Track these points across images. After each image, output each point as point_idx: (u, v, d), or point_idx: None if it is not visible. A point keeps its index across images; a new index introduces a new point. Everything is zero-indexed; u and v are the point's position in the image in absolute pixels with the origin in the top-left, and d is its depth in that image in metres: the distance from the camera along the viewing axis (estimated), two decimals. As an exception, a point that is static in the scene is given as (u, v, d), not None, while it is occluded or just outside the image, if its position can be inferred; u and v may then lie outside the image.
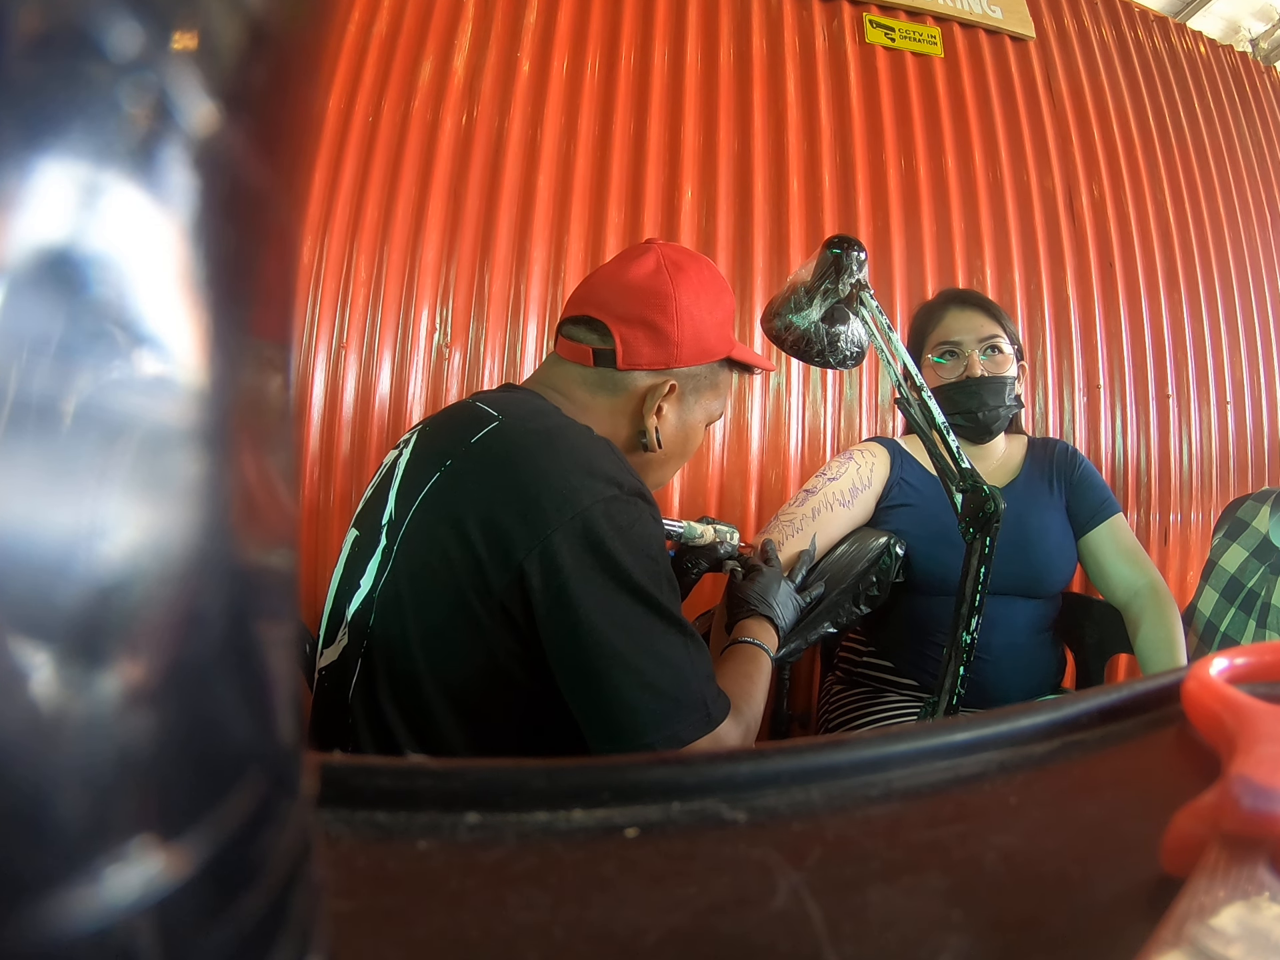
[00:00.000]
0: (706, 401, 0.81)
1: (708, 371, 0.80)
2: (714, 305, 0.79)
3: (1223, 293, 2.24)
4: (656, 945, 0.16)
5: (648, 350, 0.75)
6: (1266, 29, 2.86)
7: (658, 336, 0.75)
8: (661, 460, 0.81)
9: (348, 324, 1.60)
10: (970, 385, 1.12)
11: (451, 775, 0.21)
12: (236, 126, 0.09)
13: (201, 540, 0.09)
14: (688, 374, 0.78)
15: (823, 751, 0.23)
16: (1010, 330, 1.17)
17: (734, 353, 0.81)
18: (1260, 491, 1.31)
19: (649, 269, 0.76)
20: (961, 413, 1.13)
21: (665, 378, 0.77)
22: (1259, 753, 0.20)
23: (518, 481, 0.63)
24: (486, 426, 0.68)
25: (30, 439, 0.07)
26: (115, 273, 0.08)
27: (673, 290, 0.75)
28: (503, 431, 0.67)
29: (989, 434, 1.17)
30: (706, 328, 0.77)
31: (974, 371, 1.12)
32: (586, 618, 0.59)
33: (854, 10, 2.05)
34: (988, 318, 1.16)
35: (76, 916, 0.08)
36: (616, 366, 0.75)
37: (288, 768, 0.10)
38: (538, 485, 0.62)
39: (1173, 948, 0.15)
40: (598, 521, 0.61)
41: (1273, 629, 1.15)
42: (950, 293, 1.24)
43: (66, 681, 0.07)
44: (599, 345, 0.76)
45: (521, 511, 0.62)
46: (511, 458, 0.65)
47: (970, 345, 1.14)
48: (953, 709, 0.72)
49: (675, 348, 0.76)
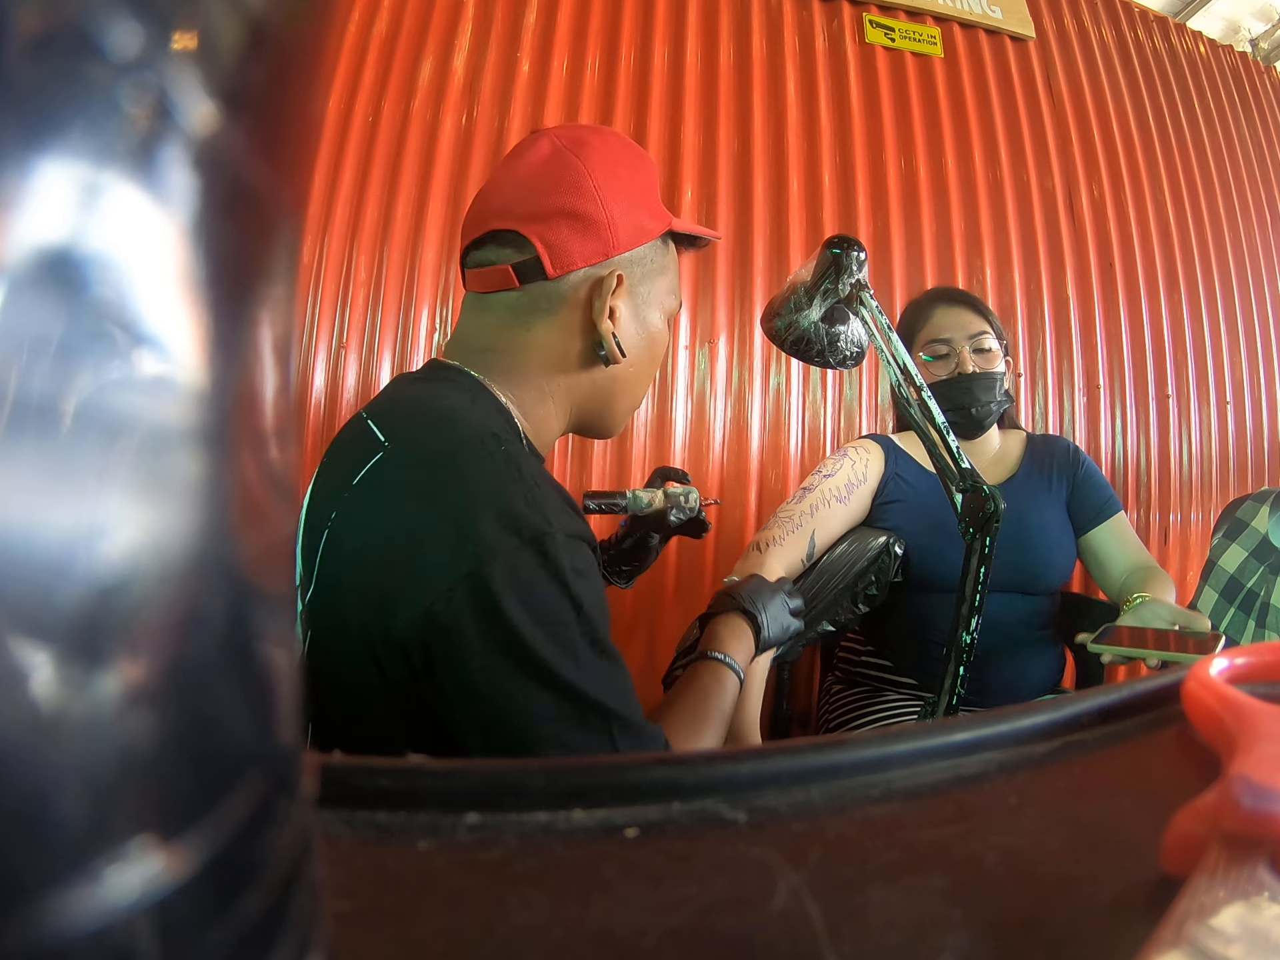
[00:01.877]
0: (660, 291, 0.69)
1: (652, 253, 0.67)
2: (635, 173, 0.66)
3: (1223, 293, 2.24)
4: (656, 945, 0.16)
5: (577, 244, 0.63)
6: (1266, 29, 2.86)
7: (583, 225, 0.62)
8: (630, 376, 0.69)
9: (348, 324, 1.60)
10: (963, 381, 1.13)
11: (451, 775, 0.21)
12: (236, 126, 0.09)
13: (201, 540, 0.09)
14: (631, 260, 0.65)
15: (823, 751, 0.23)
16: (996, 326, 1.18)
17: (674, 225, 0.69)
18: (1260, 492, 1.31)
19: (545, 153, 0.64)
20: (955, 409, 1.13)
21: (608, 269, 0.64)
22: (1259, 753, 0.20)
23: (400, 539, 0.52)
24: (371, 459, 0.57)
25: (30, 439, 0.07)
26: (115, 273, 0.08)
27: (583, 166, 0.63)
28: (387, 467, 0.56)
29: (980, 429, 1.18)
30: (635, 200, 0.65)
31: (965, 368, 1.13)
32: (487, 710, 0.50)
33: (854, 10, 2.05)
34: (975, 314, 1.17)
35: (76, 916, 0.08)
36: (547, 276, 0.62)
37: (288, 768, 0.10)
38: (422, 543, 0.51)
39: (1173, 948, 0.15)
40: (494, 586, 0.49)
41: (1272, 629, 1.15)
42: (937, 291, 1.25)
43: (66, 681, 0.07)
44: (518, 259, 0.63)
45: (404, 578, 0.51)
46: (394, 506, 0.54)
47: (960, 342, 1.14)
48: (953, 709, 0.72)
49: (607, 230, 0.63)
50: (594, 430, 0.74)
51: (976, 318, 1.16)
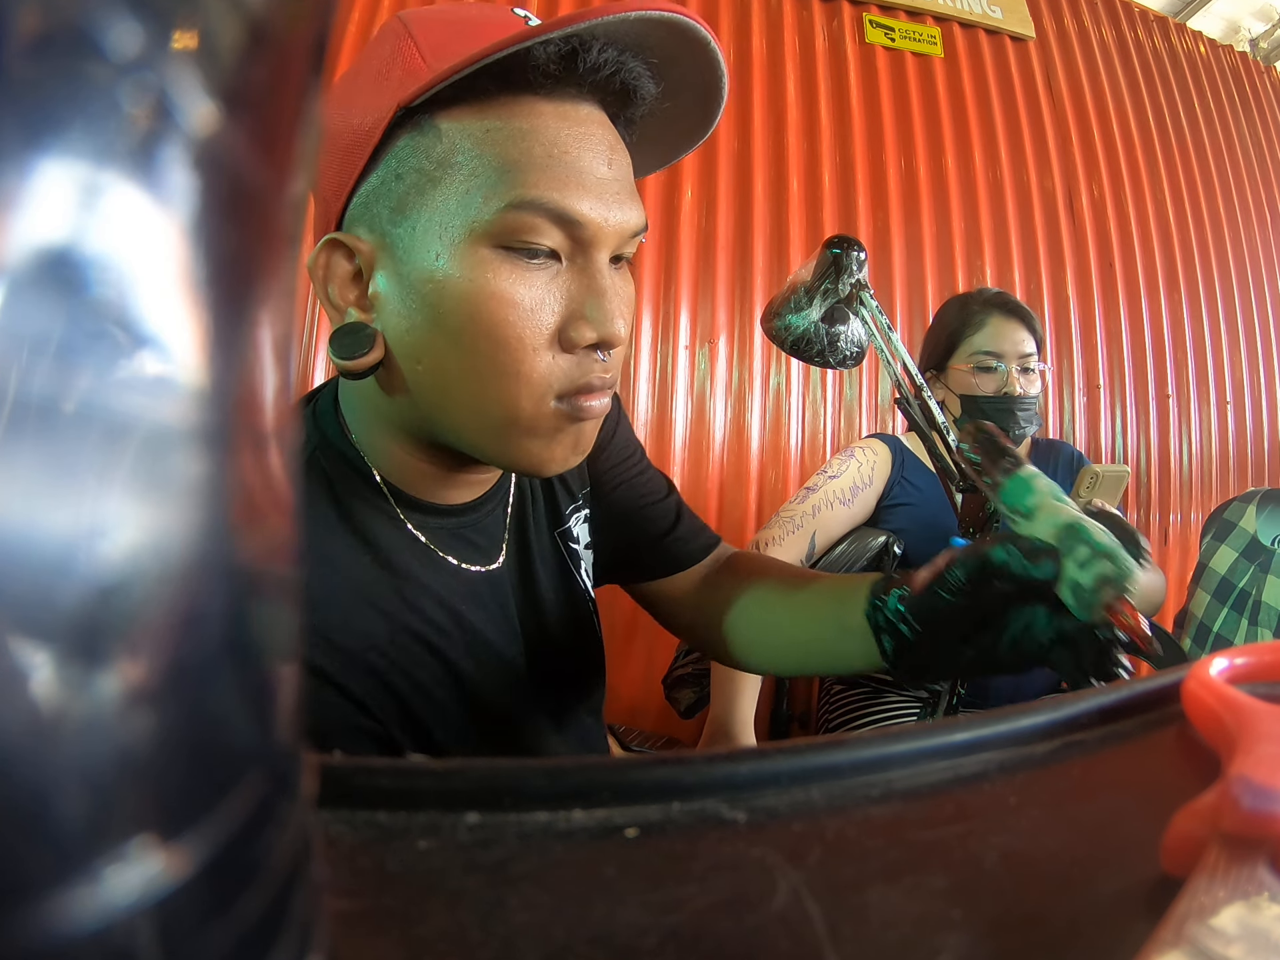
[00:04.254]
0: (448, 204, 0.39)
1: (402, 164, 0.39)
2: (354, 82, 0.42)
3: (1223, 293, 2.24)
4: (656, 945, 0.16)
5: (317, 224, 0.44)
6: (1266, 29, 2.86)
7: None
8: (442, 380, 0.41)
9: (348, 324, 1.60)
10: (1006, 403, 1.11)
11: (451, 775, 0.21)
12: (236, 126, 0.09)
13: (202, 540, 0.09)
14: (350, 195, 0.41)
15: (823, 751, 0.23)
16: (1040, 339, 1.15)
17: (421, 85, 0.38)
18: (1245, 493, 1.32)
19: None
20: None
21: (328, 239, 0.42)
22: (1259, 753, 0.20)
23: None
24: None
25: (30, 439, 0.07)
26: (115, 273, 0.08)
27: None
28: None
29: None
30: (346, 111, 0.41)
31: (1013, 389, 1.11)
32: None
33: (854, 10, 2.05)
34: (1029, 333, 1.14)
35: (76, 916, 0.08)
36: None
37: (288, 768, 0.10)
38: None
39: (1173, 948, 0.15)
40: None
41: (1265, 626, 1.15)
42: (995, 296, 1.18)
43: (66, 681, 0.07)
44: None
45: None
46: None
47: (1011, 359, 1.12)
48: (953, 709, 0.72)
49: (315, 190, 0.43)
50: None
51: (1029, 337, 1.14)
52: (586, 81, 0.40)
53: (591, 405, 0.43)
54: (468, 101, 0.39)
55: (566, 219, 0.39)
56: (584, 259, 0.41)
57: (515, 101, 0.39)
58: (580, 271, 0.41)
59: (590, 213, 0.40)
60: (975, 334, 1.15)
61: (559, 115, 0.40)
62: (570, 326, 0.41)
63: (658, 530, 0.63)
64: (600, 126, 0.41)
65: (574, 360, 0.42)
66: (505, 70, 0.38)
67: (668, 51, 0.41)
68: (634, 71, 0.41)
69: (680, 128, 0.48)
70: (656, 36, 0.40)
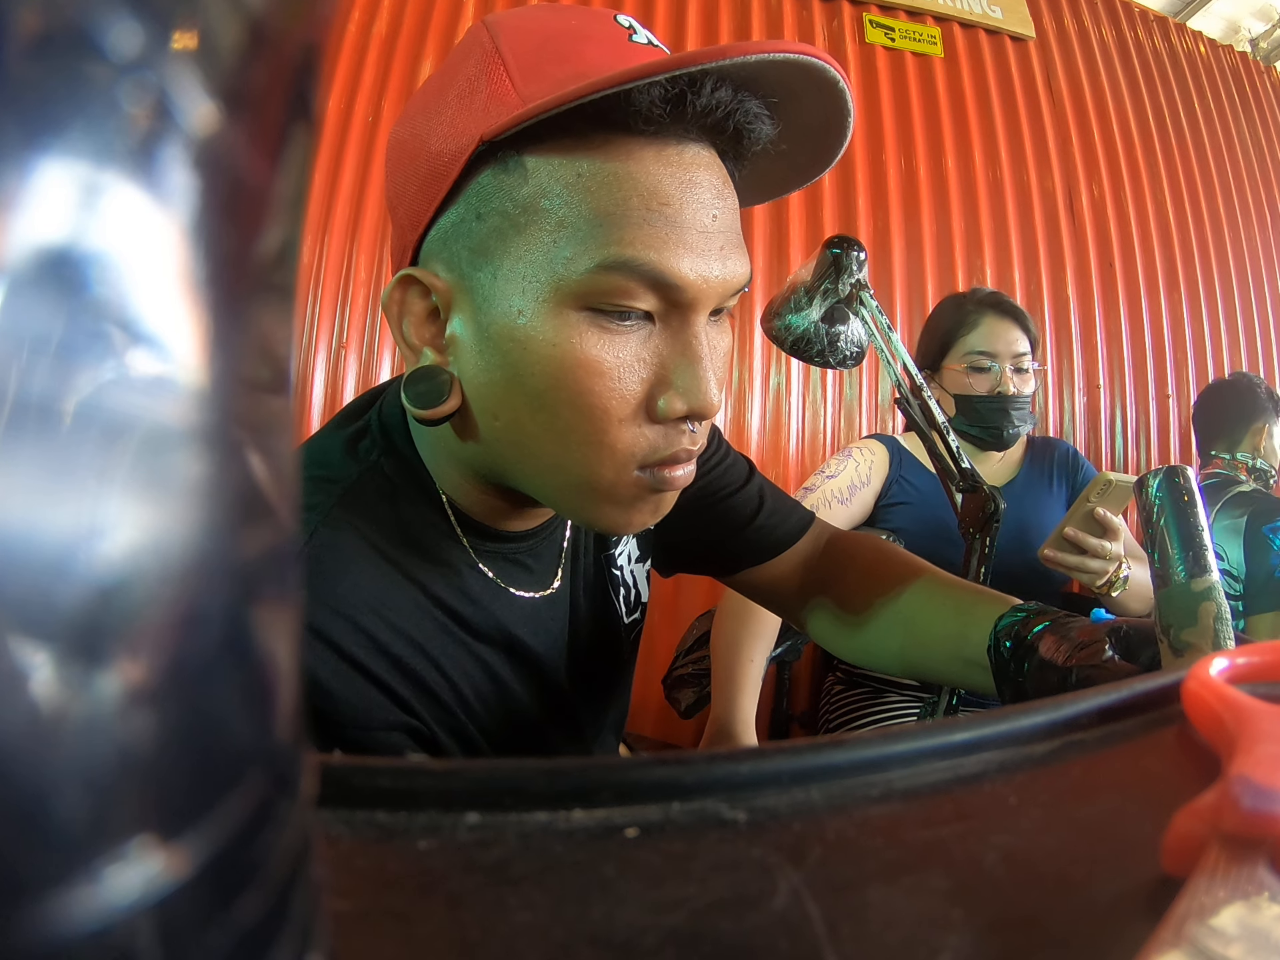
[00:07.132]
0: (533, 255, 0.36)
1: (481, 202, 0.37)
2: (442, 90, 0.39)
3: (1223, 293, 2.24)
4: (656, 945, 0.16)
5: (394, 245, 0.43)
6: (1266, 29, 2.86)
7: (395, 225, 0.42)
8: (519, 436, 0.40)
9: (348, 324, 1.60)
10: (1000, 402, 1.12)
11: (451, 775, 0.21)
12: (236, 126, 0.09)
13: (202, 540, 0.09)
14: (435, 241, 0.39)
15: (823, 751, 0.23)
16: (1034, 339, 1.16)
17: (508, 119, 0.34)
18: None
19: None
20: (987, 427, 1.13)
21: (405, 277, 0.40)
22: (1259, 753, 0.20)
23: None
24: None
25: (30, 439, 0.07)
26: (115, 272, 0.08)
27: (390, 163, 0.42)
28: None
29: (1005, 448, 1.18)
30: (427, 134, 0.39)
31: (1007, 389, 1.12)
32: None
33: (854, 10, 2.05)
34: (1023, 332, 1.15)
35: (76, 916, 0.08)
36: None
37: (288, 768, 0.10)
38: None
39: (1173, 948, 0.15)
40: None
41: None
42: (989, 297, 1.18)
43: (66, 681, 0.07)
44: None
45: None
46: None
47: (1005, 359, 1.13)
48: (953, 709, 0.72)
49: (393, 212, 0.42)
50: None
51: (1023, 336, 1.15)
52: (695, 125, 0.36)
53: (675, 476, 0.40)
54: (558, 138, 0.35)
55: (664, 283, 0.36)
56: (680, 321, 0.38)
57: (611, 141, 0.35)
58: (675, 335, 0.38)
59: (690, 273, 0.37)
60: (969, 334, 1.15)
61: (661, 160, 0.36)
62: (660, 395, 0.38)
63: (740, 520, 0.61)
64: (707, 170, 0.37)
65: (661, 431, 0.39)
66: (602, 110, 0.34)
67: (788, 88, 0.37)
68: (750, 114, 0.37)
69: (794, 162, 0.43)
70: (776, 71, 0.36)
